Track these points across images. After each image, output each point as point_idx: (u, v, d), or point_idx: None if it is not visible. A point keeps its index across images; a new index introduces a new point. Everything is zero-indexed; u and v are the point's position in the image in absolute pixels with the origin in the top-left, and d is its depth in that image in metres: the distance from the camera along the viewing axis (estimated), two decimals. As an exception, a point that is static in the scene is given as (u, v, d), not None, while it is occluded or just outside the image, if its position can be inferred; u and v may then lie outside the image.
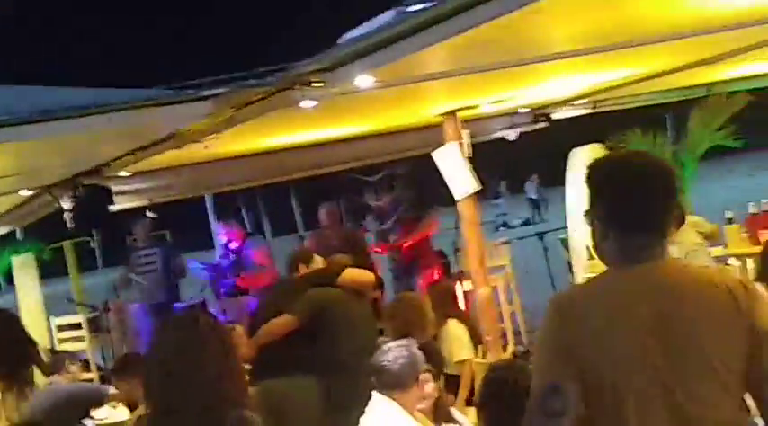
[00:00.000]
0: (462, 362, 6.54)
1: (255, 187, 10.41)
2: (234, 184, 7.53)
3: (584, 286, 2.68)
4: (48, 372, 6.20)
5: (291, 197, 31.08)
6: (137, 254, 9.58)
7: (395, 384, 4.22)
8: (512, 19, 3.24)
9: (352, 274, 6.13)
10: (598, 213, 2.53)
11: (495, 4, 3.18)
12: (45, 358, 6.35)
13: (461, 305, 7.73)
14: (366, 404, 4.32)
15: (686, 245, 7.04)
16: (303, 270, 6.15)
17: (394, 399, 4.22)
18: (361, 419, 4.32)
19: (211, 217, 18.80)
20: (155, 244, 9.70)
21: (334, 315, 5.82)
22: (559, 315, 2.49)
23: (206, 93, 4.13)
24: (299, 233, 28.67)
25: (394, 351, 4.31)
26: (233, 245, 9.26)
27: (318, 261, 6.24)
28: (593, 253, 7.53)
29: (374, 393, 4.31)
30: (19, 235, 10.06)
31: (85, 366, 8.65)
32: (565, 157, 8.26)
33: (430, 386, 4.44)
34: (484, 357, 6.45)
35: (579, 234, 8.18)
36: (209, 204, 18.78)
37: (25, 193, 6.55)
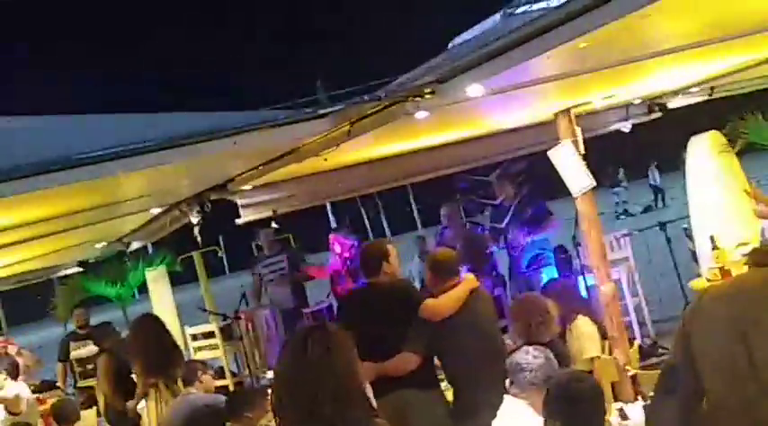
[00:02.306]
0: (592, 359, 6.51)
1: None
2: (353, 192, 7.71)
3: (727, 282, 2.77)
4: (183, 382, 6.41)
5: (410, 196, 31.26)
6: (264, 262, 9.87)
7: (530, 386, 4.25)
8: (626, 21, 3.26)
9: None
10: None
11: (612, 7, 3.19)
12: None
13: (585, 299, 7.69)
14: (497, 408, 4.39)
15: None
16: (386, 267, 5.94)
17: (528, 402, 4.25)
18: (493, 422, 4.39)
19: (332, 222, 19.08)
20: (280, 251, 9.96)
21: (454, 338, 5.71)
22: (693, 305, 2.69)
23: (323, 111, 4.29)
24: (418, 231, 28.87)
25: (531, 353, 4.36)
26: (346, 254, 9.42)
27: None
28: (718, 243, 7.42)
29: (508, 396, 4.36)
30: (151, 250, 10.54)
31: (220, 374, 8.96)
32: (682, 145, 8.14)
33: None
34: (610, 353, 6.41)
35: (702, 223, 8.05)
36: (329, 210, 19.09)
37: (156, 211, 6.87)
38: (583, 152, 6.10)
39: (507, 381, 4.39)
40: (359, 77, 4.80)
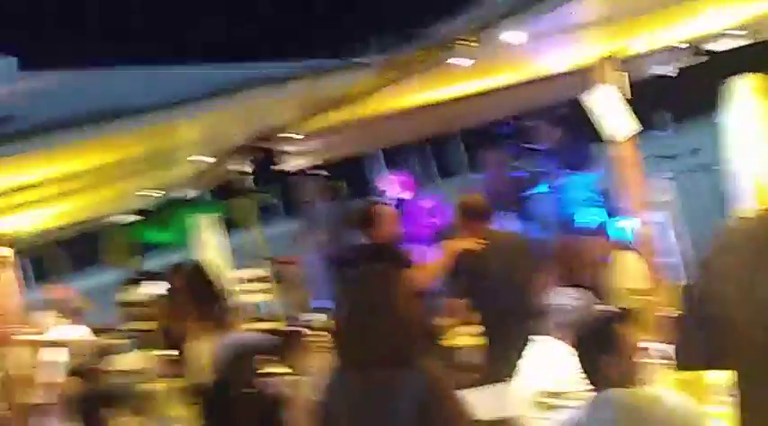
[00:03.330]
0: (637, 291, 6.58)
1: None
2: (398, 140, 7.82)
3: (745, 219, 2.79)
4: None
5: (459, 141, 31.16)
6: (311, 209, 10.07)
7: (568, 326, 4.35)
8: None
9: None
10: None
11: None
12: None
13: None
14: (524, 346, 4.52)
15: None
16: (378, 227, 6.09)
17: (567, 341, 4.32)
18: (527, 358, 4.52)
19: (381, 169, 19.09)
20: (328, 199, 10.13)
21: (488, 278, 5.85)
22: (718, 242, 2.74)
23: (368, 59, 4.42)
24: (464, 175, 28.70)
25: (571, 295, 4.48)
26: (405, 195, 9.53)
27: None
28: (759, 186, 7.38)
29: (545, 336, 4.49)
30: (204, 197, 10.74)
31: (267, 317, 9.20)
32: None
33: None
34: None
35: (743, 164, 8.06)
36: (378, 157, 19.10)
37: (209, 160, 7.05)
38: (626, 96, 6.15)
39: (547, 321, 4.50)
40: (402, 26, 4.90)
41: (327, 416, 3.23)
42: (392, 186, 9.73)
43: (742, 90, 8.11)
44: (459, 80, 5.97)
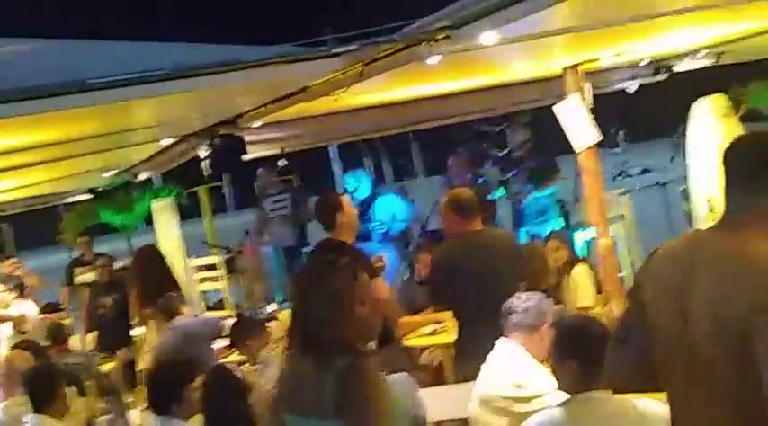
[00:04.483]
0: (584, 309, 6.66)
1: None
2: (360, 134, 7.81)
3: (673, 242, 2.79)
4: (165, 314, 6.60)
5: (411, 145, 31.33)
6: (268, 199, 10.03)
7: (518, 327, 4.42)
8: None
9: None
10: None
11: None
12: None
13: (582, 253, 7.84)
14: (491, 348, 4.55)
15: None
16: (340, 218, 5.93)
17: (518, 342, 4.43)
18: (485, 364, 4.55)
19: (335, 165, 19.16)
20: (285, 190, 10.11)
21: (457, 280, 5.69)
22: (645, 265, 2.72)
23: (337, 50, 4.37)
24: (419, 179, 28.91)
25: (523, 298, 4.52)
26: (362, 193, 9.55)
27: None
28: (713, 205, 7.51)
29: (502, 338, 4.52)
30: (157, 181, 10.66)
31: (221, 305, 9.17)
32: (686, 109, 8.20)
33: None
34: (605, 306, 6.56)
35: (699, 185, 8.15)
36: (333, 152, 19.16)
37: (166, 142, 6.97)
38: (590, 106, 6.19)
39: (507, 323, 4.53)
40: (373, 21, 4.86)
41: (277, 397, 3.28)
42: (351, 183, 9.74)
43: (701, 110, 8.22)
44: (427, 79, 5.96)
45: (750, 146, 2.62)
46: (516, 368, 4.38)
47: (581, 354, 3.45)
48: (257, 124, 6.52)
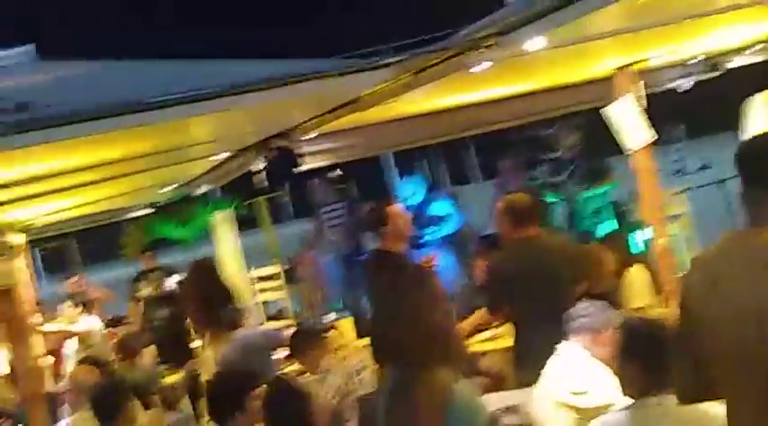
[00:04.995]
0: (640, 310, 6.62)
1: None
2: (413, 143, 7.84)
3: (711, 247, 2.80)
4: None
5: (471, 149, 31.34)
6: (324, 209, 10.12)
7: (584, 330, 4.47)
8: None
9: None
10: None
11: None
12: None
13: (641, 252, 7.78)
14: (552, 351, 4.58)
15: None
16: (388, 227, 6.05)
17: (583, 344, 4.48)
18: (549, 362, 4.58)
19: (392, 172, 19.21)
20: (340, 199, 10.19)
21: (515, 287, 5.77)
22: (688, 273, 2.78)
23: (386, 61, 4.42)
24: (478, 183, 28.89)
25: (589, 303, 4.59)
26: (417, 199, 9.57)
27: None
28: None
29: (564, 342, 4.55)
30: (217, 194, 10.82)
31: (282, 315, 9.27)
32: (740, 106, 8.10)
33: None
34: (666, 306, 6.51)
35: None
36: (388, 159, 19.22)
37: (222, 156, 7.08)
38: (643, 106, 6.16)
39: (569, 328, 4.57)
40: (420, 31, 4.90)
41: (366, 410, 3.43)
42: (406, 190, 9.76)
43: (755, 106, 8.12)
44: (476, 85, 5.98)
45: (765, 145, 2.69)
46: (578, 371, 4.42)
47: (643, 356, 3.46)
48: (310, 136, 6.60)
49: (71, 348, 8.44)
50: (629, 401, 3.54)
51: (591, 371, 4.43)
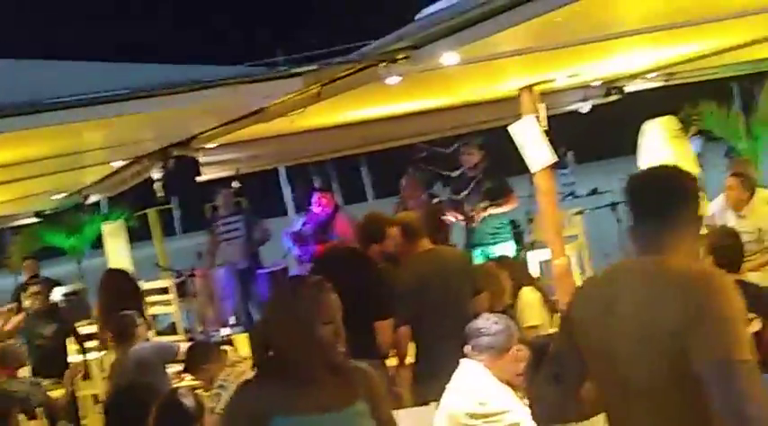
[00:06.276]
0: (533, 328, 6.67)
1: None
2: (317, 155, 7.78)
3: (598, 274, 2.94)
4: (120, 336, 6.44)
5: (361, 167, 31.37)
6: (221, 221, 9.91)
7: (488, 349, 4.42)
8: (584, 3, 3.41)
9: None
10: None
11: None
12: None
13: (534, 274, 7.85)
14: (453, 371, 4.53)
15: (759, 219, 7.09)
16: (375, 248, 5.90)
17: (485, 364, 4.42)
18: (450, 383, 4.52)
19: (284, 186, 19.08)
20: (237, 212, 10.00)
21: (426, 294, 5.68)
22: (572, 298, 2.88)
23: (296, 70, 4.32)
24: (368, 203, 29.02)
25: (492, 320, 4.53)
26: (322, 212, 9.44)
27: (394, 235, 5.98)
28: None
29: (466, 359, 4.50)
30: (105, 204, 10.52)
31: (172, 329, 9.02)
32: (637, 129, 8.31)
33: (521, 361, 4.43)
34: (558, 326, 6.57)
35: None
36: (282, 173, 19.09)
37: (118, 164, 6.86)
38: (545, 127, 6.24)
39: (471, 344, 4.52)
40: (331, 43, 4.83)
41: None
42: (316, 203, 9.61)
43: (652, 131, 8.34)
44: (382, 100, 5.95)
45: (653, 181, 2.79)
46: (481, 386, 4.38)
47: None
48: (212, 145, 6.45)
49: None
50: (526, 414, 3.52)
51: (493, 392, 4.40)
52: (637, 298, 2.62)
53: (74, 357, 7.60)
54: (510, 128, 6.19)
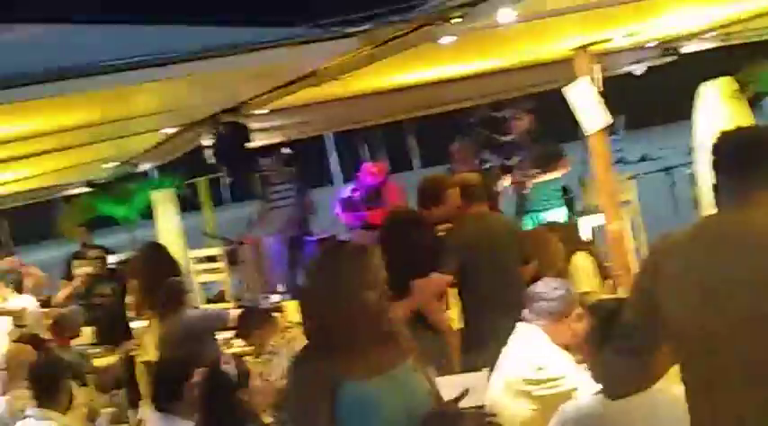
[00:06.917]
0: (586, 294, 6.59)
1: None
2: (369, 121, 7.69)
3: (681, 231, 2.72)
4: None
5: (407, 135, 31.19)
6: (271, 189, 9.91)
7: (547, 314, 4.34)
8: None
9: None
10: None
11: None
12: None
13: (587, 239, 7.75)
14: (507, 336, 4.46)
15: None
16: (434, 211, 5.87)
17: (543, 329, 4.35)
18: (505, 348, 4.46)
19: (330, 155, 19.01)
20: (287, 180, 9.98)
21: (476, 259, 5.68)
22: (654, 258, 2.69)
23: (350, 29, 4.24)
24: (415, 170, 28.88)
25: (551, 284, 4.45)
26: (374, 181, 9.39)
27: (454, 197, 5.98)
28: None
29: (523, 323, 4.43)
30: (155, 173, 10.56)
31: (221, 297, 9.07)
32: (689, 95, 8.12)
33: (580, 326, 4.33)
34: (614, 292, 6.47)
35: (706, 169, 8.06)
36: (329, 142, 19.04)
37: (169, 131, 6.84)
38: (600, 89, 6.11)
39: (529, 309, 4.45)
40: (381, 3, 4.74)
41: None
42: (367, 171, 9.54)
43: (709, 92, 8.14)
44: (433, 62, 5.86)
45: (744, 139, 2.67)
46: (538, 351, 4.32)
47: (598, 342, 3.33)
48: (262, 111, 6.40)
49: (3, 327, 8.17)
50: (596, 388, 3.43)
51: (551, 357, 4.33)
52: (755, 262, 2.46)
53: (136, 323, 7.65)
54: (564, 90, 6.07)
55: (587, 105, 6.06)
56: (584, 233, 8.00)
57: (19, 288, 8.59)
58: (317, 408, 2.89)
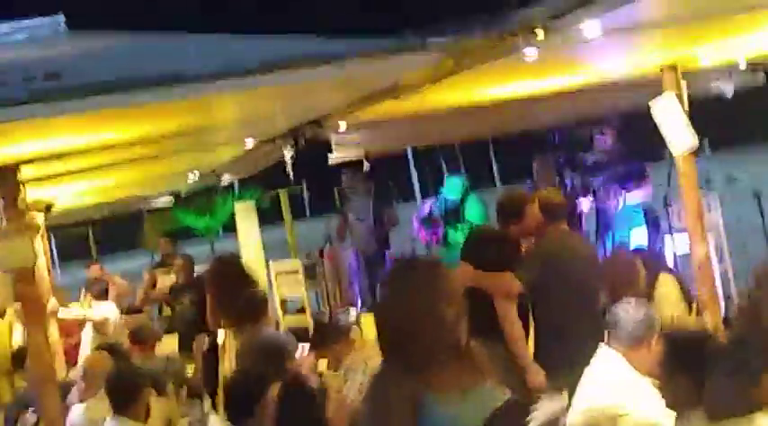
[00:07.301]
0: (671, 318, 6.42)
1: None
2: (445, 138, 7.65)
3: None
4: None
5: (489, 151, 31.01)
6: (350, 203, 9.92)
7: (627, 339, 4.24)
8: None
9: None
10: None
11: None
12: None
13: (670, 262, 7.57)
14: (589, 360, 4.36)
15: None
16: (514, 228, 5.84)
17: (623, 354, 4.25)
18: (587, 371, 4.36)
19: (412, 170, 18.97)
20: (367, 195, 9.98)
21: (553, 278, 5.61)
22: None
23: (431, 40, 4.20)
24: (497, 187, 28.69)
25: (633, 307, 4.34)
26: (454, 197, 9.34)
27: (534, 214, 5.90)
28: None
29: (605, 347, 4.34)
30: (236, 186, 10.68)
31: (300, 310, 9.10)
32: None
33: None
34: (697, 317, 6.29)
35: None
36: (410, 158, 19.00)
37: (250, 143, 6.89)
38: (686, 109, 5.97)
39: (605, 334, 4.36)
40: (465, 15, 4.69)
41: None
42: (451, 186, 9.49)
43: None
44: (514, 78, 5.79)
45: None
46: (619, 378, 4.21)
47: (693, 369, 3.27)
48: (343, 126, 6.40)
49: (86, 335, 8.32)
50: (672, 416, 3.34)
51: (631, 384, 4.22)
52: None
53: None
54: (651, 103, 5.93)
55: (674, 124, 5.93)
56: (669, 255, 7.82)
57: (104, 297, 8.74)
58: None
